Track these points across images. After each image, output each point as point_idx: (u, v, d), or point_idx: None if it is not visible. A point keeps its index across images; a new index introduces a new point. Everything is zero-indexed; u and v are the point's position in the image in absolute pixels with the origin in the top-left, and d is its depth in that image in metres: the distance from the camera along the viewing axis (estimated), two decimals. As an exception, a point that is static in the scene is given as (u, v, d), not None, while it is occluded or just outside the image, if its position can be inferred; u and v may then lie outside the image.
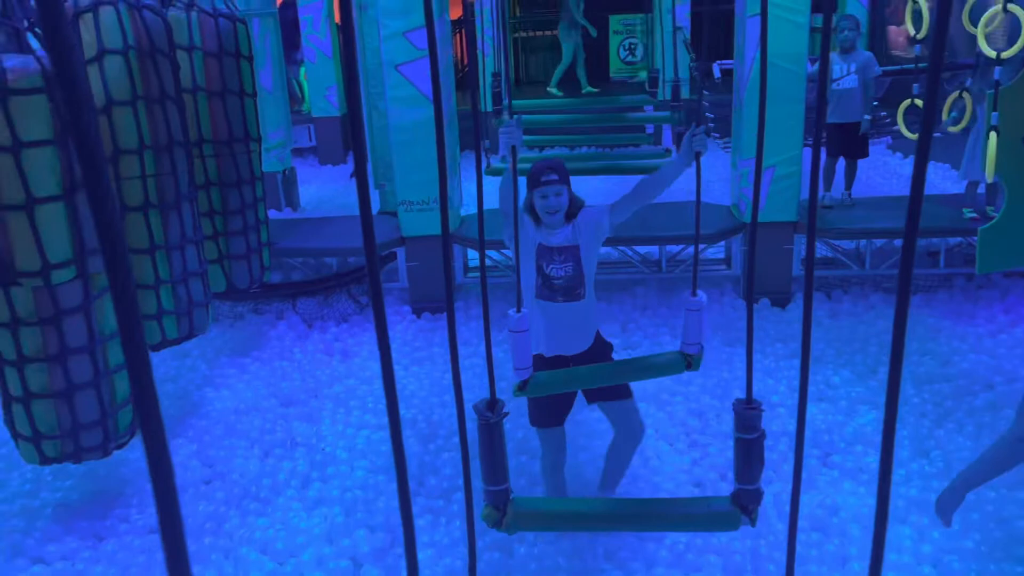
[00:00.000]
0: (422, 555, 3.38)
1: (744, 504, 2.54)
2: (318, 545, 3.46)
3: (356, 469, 4.01)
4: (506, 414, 2.66)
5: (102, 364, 3.32)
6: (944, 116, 5.48)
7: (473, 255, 6.44)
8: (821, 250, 6.25)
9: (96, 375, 3.28)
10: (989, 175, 4.34)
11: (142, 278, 4.22)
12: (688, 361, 3.16)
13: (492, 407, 2.63)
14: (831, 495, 3.74)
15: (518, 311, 2.99)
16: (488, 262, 6.35)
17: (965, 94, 5.35)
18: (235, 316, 6.03)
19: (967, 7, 4.60)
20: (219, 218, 5.11)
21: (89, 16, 3.97)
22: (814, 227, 1.58)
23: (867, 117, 6.13)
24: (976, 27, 4.37)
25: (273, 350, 5.50)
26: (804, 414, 1.74)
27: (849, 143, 6.30)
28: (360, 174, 1.02)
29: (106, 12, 3.98)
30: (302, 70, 11.48)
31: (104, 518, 3.75)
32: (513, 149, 2.86)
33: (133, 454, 4.05)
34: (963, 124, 5.37)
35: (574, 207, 3.32)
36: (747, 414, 2.50)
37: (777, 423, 4.38)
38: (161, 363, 5.16)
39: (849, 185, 6.48)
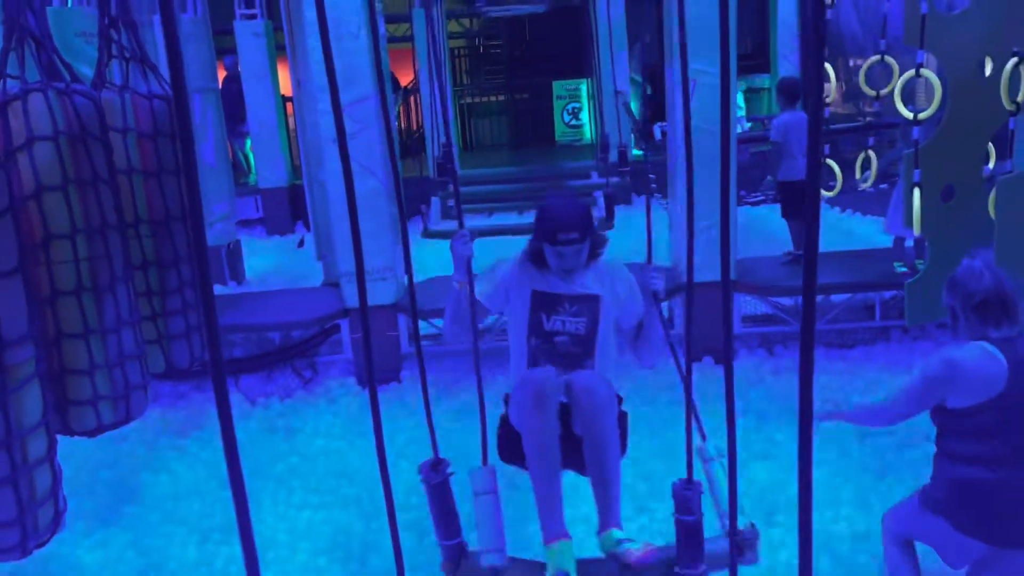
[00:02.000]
0: (364, 640, 3.29)
1: None
2: (255, 636, 3.34)
3: (298, 552, 3.91)
4: (451, 474, 2.63)
5: (19, 458, 3.21)
6: (857, 175, 5.67)
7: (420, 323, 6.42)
8: (761, 307, 6.36)
9: (13, 471, 3.17)
10: (916, 230, 4.49)
11: (76, 363, 4.11)
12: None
13: (435, 467, 2.64)
14: (776, 554, 3.74)
15: (484, 462, 2.59)
16: (432, 330, 6.34)
17: (871, 152, 5.54)
18: (177, 395, 5.92)
19: (863, 69, 4.81)
20: (157, 298, 5.03)
21: (18, 104, 3.95)
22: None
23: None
24: (872, 89, 4.57)
25: (214, 430, 5.34)
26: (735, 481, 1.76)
27: (795, 200, 6.50)
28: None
29: (35, 99, 3.95)
30: (248, 142, 11.52)
31: (33, 618, 3.59)
32: (468, 266, 2.60)
33: (62, 549, 3.91)
34: (871, 182, 5.56)
35: (594, 250, 2.70)
36: (684, 495, 2.35)
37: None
38: (97, 449, 5.01)
39: (798, 243, 6.69)
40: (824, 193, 5.88)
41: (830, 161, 5.56)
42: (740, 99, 12.24)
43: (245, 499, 1.09)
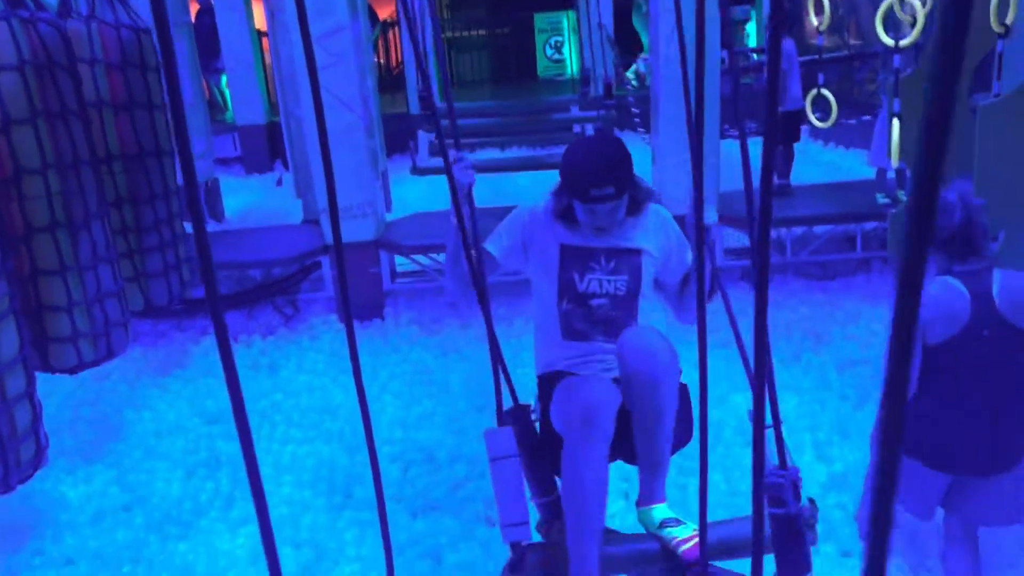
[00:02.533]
0: (349, 568, 3.33)
1: None
2: (241, 567, 3.38)
3: (282, 485, 3.94)
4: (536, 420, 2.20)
5: (-2, 395, 3.19)
6: (808, 111, 5.63)
7: (402, 261, 6.38)
8: (742, 239, 6.35)
9: (-9, 407, 3.15)
10: (894, 161, 4.46)
11: (54, 300, 4.08)
12: None
13: (518, 413, 2.20)
14: (747, 480, 3.80)
15: (499, 421, 2.13)
16: (415, 267, 6.32)
17: (824, 90, 5.48)
18: (157, 334, 5.88)
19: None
20: (133, 235, 4.97)
21: (-21, 32, 3.82)
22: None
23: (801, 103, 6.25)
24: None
25: (197, 367, 5.37)
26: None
27: (785, 129, 6.47)
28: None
29: (-3, 27, 3.84)
30: (223, 78, 11.27)
31: (17, 552, 3.61)
32: (469, 195, 2.19)
33: (44, 485, 3.92)
34: (831, 121, 5.52)
35: (637, 202, 2.25)
36: (776, 483, 1.91)
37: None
38: (79, 387, 5.00)
39: (785, 173, 6.67)
40: (819, 124, 5.82)
41: (825, 91, 5.49)
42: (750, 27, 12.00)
43: (250, 437, 1.07)
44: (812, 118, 5.69)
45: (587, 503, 1.92)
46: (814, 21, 5.47)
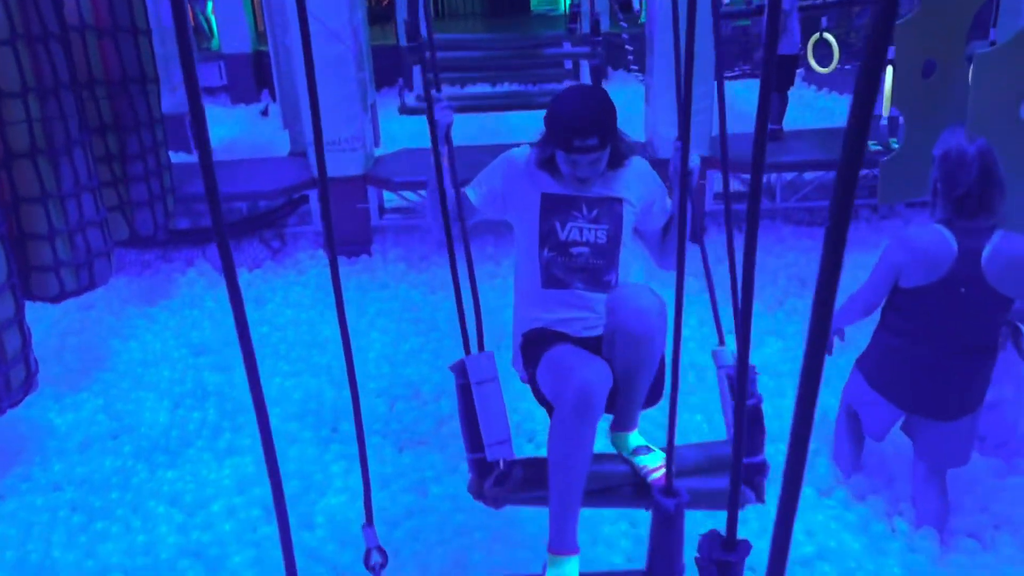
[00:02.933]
0: (335, 500, 3.38)
1: (748, 477, 2.22)
2: (228, 496, 3.43)
3: (269, 417, 3.96)
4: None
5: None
6: (809, 56, 5.56)
7: (390, 196, 6.33)
8: (732, 184, 6.34)
9: (-22, 333, 3.14)
10: (885, 109, 4.43)
11: (35, 228, 4.04)
12: None
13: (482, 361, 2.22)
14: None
15: (472, 345, 2.16)
16: (404, 203, 6.27)
17: (827, 35, 5.41)
18: (142, 264, 5.85)
19: None
20: (117, 164, 4.90)
21: (-44, -51, 3.69)
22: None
23: (799, 48, 6.18)
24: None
25: (183, 299, 5.36)
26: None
27: (781, 73, 6.40)
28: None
29: (-25, -56, 3.71)
30: (209, 5, 11.00)
31: (4, 477, 3.64)
32: (447, 135, 2.20)
33: (32, 411, 3.93)
34: (832, 67, 5.46)
35: (619, 155, 2.26)
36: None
37: (686, 356, 4.46)
38: (64, 315, 4.98)
39: (780, 117, 6.62)
40: (819, 69, 5.76)
41: (828, 35, 5.42)
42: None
43: (255, 368, 1.07)
44: (812, 63, 5.63)
45: (574, 477, 2.02)
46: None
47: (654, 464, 2.19)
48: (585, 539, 2.27)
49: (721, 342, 2.41)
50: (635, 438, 2.28)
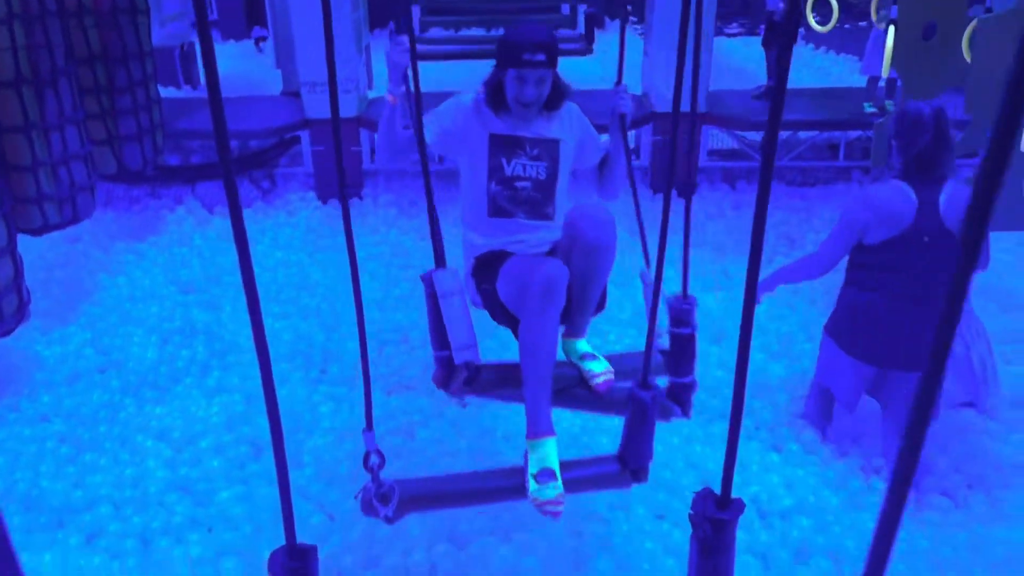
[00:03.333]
0: (323, 440, 3.42)
1: (678, 396, 2.49)
2: (217, 433, 3.45)
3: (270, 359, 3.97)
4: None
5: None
6: (808, 15, 5.51)
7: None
8: (727, 141, 6.32)
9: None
10: (886, 69, 4.41)
11: (18, 159, 3.98)
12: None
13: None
14: (713, 371, 3.93)
15: (440, 261, 2.36)
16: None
17: None
18: (131, 200, 5.79)
19: None
20: (106, 95, 4.82)
21: None
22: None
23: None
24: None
25: (172, 236, 5.32)
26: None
27: (775, 33, 6.37)
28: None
29: None
30: (200, -65, 10.72)
31: (-8, 407, 3.65)
32: (404, 77, 2.32)
33: (20, 343, 3.92)
34: (830, 26, 5.41)
35: (558, 95, 2.45)
36: (682, 309, 2.45)
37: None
38: (51, 248, 4.95)
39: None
40: (818, 28, 5.71)
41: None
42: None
43: (259, 313, 1.07)
44: (811, 21, 5.58)
45: (545, 363, 2.24)
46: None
47: (599, 370, 2.44)
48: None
49: (647, 264, 2.63)
50: (583, 345, 2.53)
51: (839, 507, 3.04)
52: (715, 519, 1.32)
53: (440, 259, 2.35)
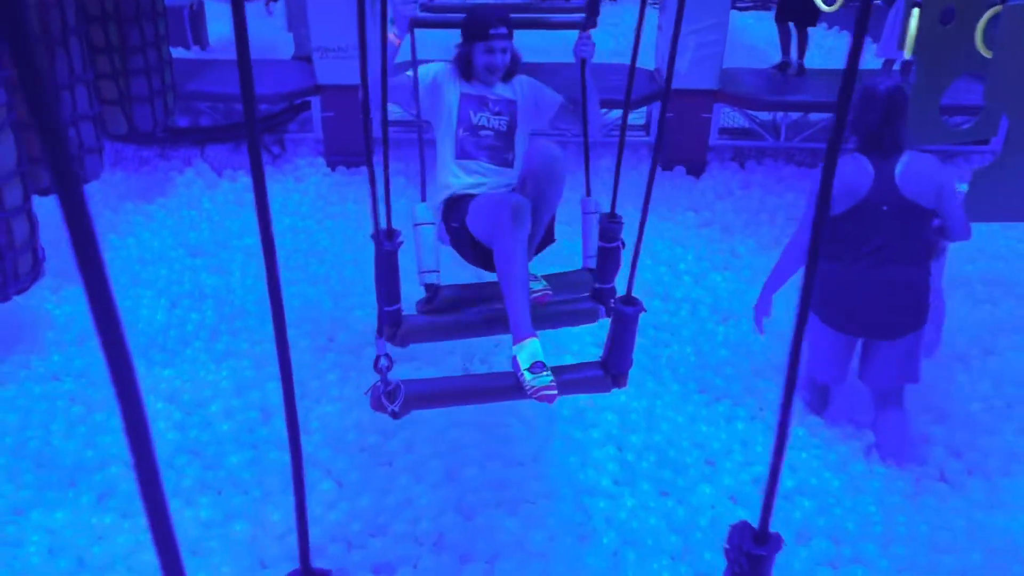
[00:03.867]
0: (330, 408, 3.45)
1: (602, 299, 2.83)
2: (226, 397, 3.48)
3: (266, 322, 3.99)
4: (401, 243, 2.71)
5: (-7, 206, 3.17)
6: None
7: (393, 108, 6.23)
8: (738, 120, 6.30)
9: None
10: (908, 51, 4.37)
11: (26, 118, 3.98)
12: (596, 294, 2.86)
13: (389, 236, 2.70)
14: (718, 351, 3.95)
15: (422, 198, 2.67)
16: (406, 115, 6.19)
17: None
18: (140, 161, 5.78)
19: None
20: (118, 55, 4.80)
21: None
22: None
23: None
24: None
25: (180, 198, 5.32)
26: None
27: (798, 10, 6.33)
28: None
29: None
30: None
31: (3, 363, 3.67)
32: (409, 27, 2.64)
33: (31, 302, 3.94)
34: (837, 5, 5.35)
35: (515, 65, 2.92)
36: (609, 227, 2.75)
37: (681, 289, 4.53)
38: (59, 208, 4.94)
39: (801, 54, 6.56)
40: (824, 7, 5.65)
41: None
42: None
43: (277, 278, 1.06)
44: (819, 1, 5.53)
45: (520, 279, 2.54)
46: None
47: (537, 288, 2.76)
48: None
49: (588, 194, 2.89)
50: (538, 283, 2.84)
51: (840, 489, 3.08)
52: (752, 555, 1.28)
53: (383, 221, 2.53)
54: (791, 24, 6.58)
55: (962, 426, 3.45)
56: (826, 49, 9.26)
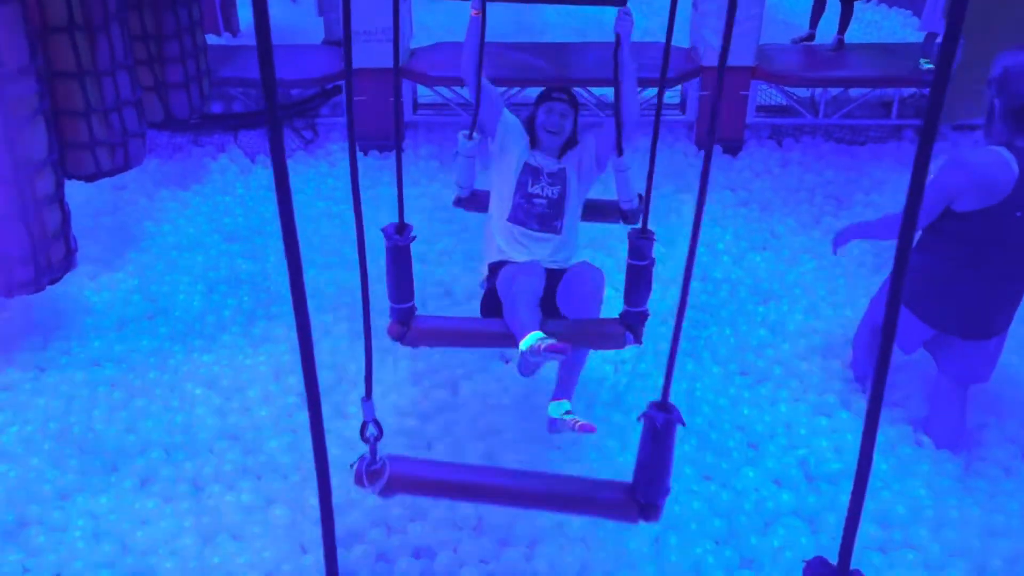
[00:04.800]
0: (368, 392, 3.44)
1: (630, 324, 2.79)
2: (264, 382, 3.49)
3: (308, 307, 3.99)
4: (413, 238, 2.90)
5: (28, 195, 3.18)
6: None
7: (424, 91, 6.21)
8: (775, 97, 6.17)
9: (23, 207, 3.14)
10: (950, 24, 4.25)
11: (71, 104, 3.99)
12: (624, 215, 3.26)
13: (400, 230, 2.85)
14: (757, 331, 3.88)
15: (470, 136, 3.07)
16: (439, 99, 6.16)
17: None
18: (174, 147, 5.80)
19: None
20: (154, 42, 4.80)
21: None
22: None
23: None
24: None
25: (215, 184, 5.33)
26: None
27: None
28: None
29: None
30: None
31: (44, 350, 3.71)
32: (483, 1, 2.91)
33: (69, 288, 3.97)
34: None
35: (573, 140, 3.16)
36: (640, 243, 2.71)
37: (720, 270, 4.45)
38: (97, 195, 4.97)
39: (843, 28, 6.44)
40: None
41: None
42: None
43: (298, 259, 1.03)
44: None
45: (526, 293, 2.75)
46: None
47: (569, 418, 2.81)
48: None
49: (620, 155, 3.07)
50: (567, 404, 2.90)
51: (888, 473, 3.01)
52: None
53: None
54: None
55: (1014, 411, 3.35)
56: (865, 23, 9.04)
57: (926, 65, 5.78)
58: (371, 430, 2.07)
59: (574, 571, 2.66)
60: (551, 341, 2.48)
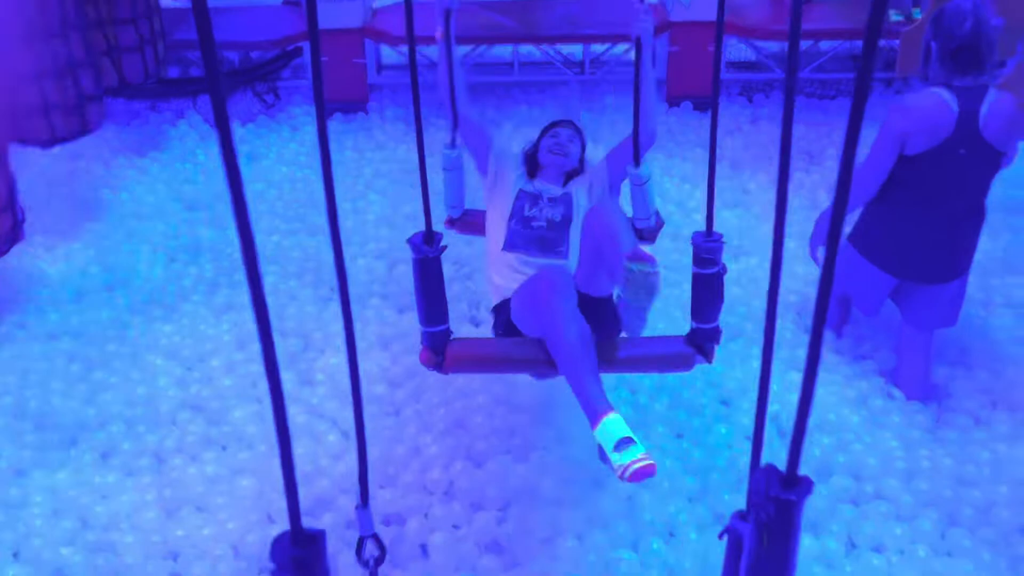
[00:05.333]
0: (335, 359, 3.37)
1: (700, 343, 2.43)
2: (228, 351, 3.41)
3: (266, 275, 3.83)
4: (444, 248, 2.41)
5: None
6: None
7: (388, 52, 6.07)
8: (744, 53, 6.10)
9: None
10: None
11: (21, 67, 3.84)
12: (640, 234, 2.80)
13: (429, 240, 2.36)
14: (736, 293, 3.86)
15: (452, 146, 2.81)
16: (403, 60, 6.02)
17: None
18: (131, 114, 5.63)
19: None
20: (104, 3, 4.63)
21: None
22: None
23: None
24: None
25: (174, 151, 5.19)
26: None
27: None
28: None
29: None
30: None
31: (-1, 324, 3.60)
32: (447, 18, 2.60)
33: (23, 261, 3.85)
34: None
35: (579, 170, 2.90)
36: (706, 248, 2.31)
37: (691, 228, 4.36)
38: (52, 164, 4.82)
39: None
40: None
41: None
42: None
43: (248, 224, 0.95)
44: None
45: (580, 354, 2.26)
46: None
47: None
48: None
49: (637, 165, 2.70)
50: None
51: (859, 425, 3.01)
52: (780, 500, 1.15)
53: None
54: None
55: (983, 361, 3.35)
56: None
57: (896, 17, 5.72)
58: (370, 549, 1.65)
59: (546, 533, 2.64)
60: (644, 463, 2.04)
